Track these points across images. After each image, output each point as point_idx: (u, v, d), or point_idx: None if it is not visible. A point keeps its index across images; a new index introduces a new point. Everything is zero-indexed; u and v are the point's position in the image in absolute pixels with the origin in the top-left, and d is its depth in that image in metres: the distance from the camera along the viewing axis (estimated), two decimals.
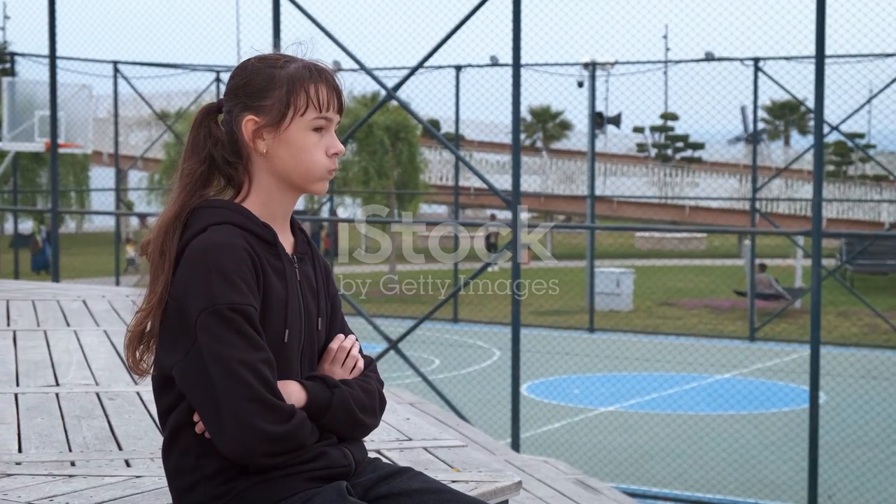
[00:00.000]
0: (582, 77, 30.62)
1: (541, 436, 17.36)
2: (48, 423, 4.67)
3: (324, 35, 13.72)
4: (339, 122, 3.25)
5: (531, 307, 32.19)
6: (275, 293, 3.11)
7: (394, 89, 14.18)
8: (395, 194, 36.36)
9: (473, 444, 8.10)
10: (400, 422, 4.77)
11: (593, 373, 23.17)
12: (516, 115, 12.86)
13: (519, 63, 12.78)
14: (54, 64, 15.81)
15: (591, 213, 28.99)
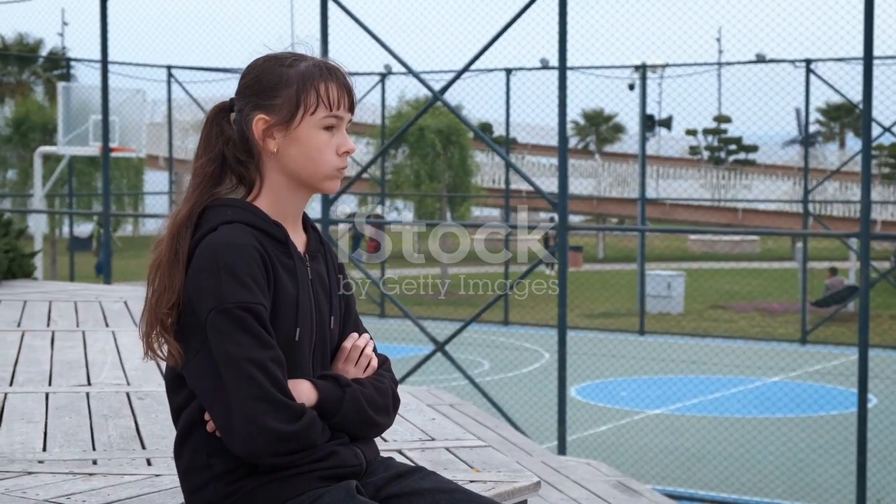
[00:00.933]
0: (633, 80, 30.53)
1: (588, 438, 17.34)
2: (75, 422, 4.73)
3: (372, 38, 13.81)
4: (350, 120, 3.26)
5: (581, 309, 32.13)
6: (285, 291, 3.13)
7: (440, 92, 14.22)
8: (446, 197, 36.37)
9: (509, 446, 8.12)
10: (425, 422, 4.80)
11: (642, 375, 23.11)
12: (562, 118, 12.83)
13: (565, 66, 12.73)
14: (106, 69, 15.95)
15: (642, 215, 28.88)
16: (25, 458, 4.12)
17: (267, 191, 3.22)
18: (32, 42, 60.13)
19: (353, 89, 3.27)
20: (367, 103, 35.33)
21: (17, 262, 10.33)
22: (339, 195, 15.73)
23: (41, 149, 26.98)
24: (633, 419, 18.93)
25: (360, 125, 39.95)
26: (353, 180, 14.86)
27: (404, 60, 14.00)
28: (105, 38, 15.65)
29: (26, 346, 6.61)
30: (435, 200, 36.45)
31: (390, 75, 31.28)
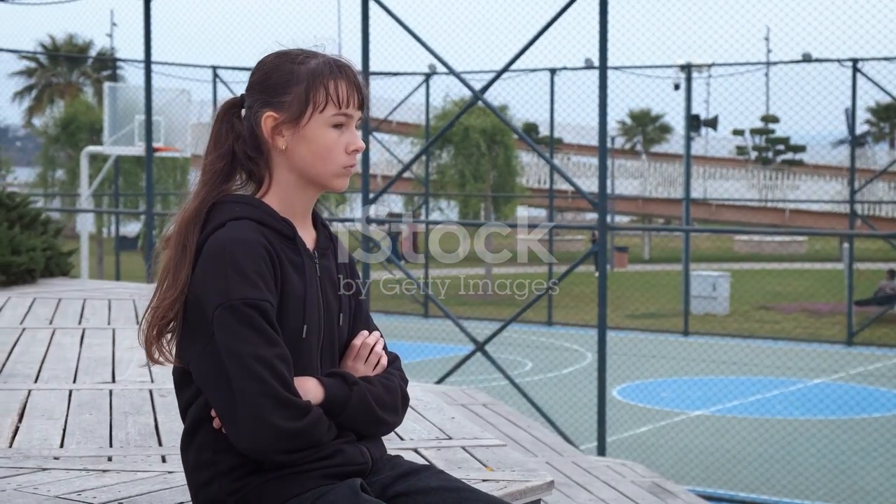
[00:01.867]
0: (678, 79, 30.39)
1: (629, 439, 17.27)
2: (95, 418, 4.75)
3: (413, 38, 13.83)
4: (360, 118, 3.26)
5: (626, 310, 32.05)
6: (293, 288, 3.11)
7: (481, 91, 14.21)
8: (491, 197, 36.34)
9: (540, 446, 8.12)
10: (444, 421, 4.78)
11: (685, 376, 23.00)
12: (603, 118, 12.81)
13: (606, 65, 12.72)
14: (149, 69, 16.06)
15: (687, 215, 28.75)
16: (41, 455, 4.14)
17: (276, 188, 3.20)
18: (82, 43, 60.58)
19: (363, 87, 3.26)
20: (411, 103, 35.34)
21: (55, 260, 10.38)
22: (379, 195, 15.75)
23: (88, 149, 27.14)
24: (675, 420, 18.84)
25: (405, 125, 40.01)
26: (393, 179, 14.84)
27: (446, 61, 14.00)
28: (148, 39, 15.76)
29: (55, 344, 6.64)
30: (479, 201, 36.41)
31: (434, 75, 31.28)
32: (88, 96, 50.17)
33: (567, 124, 43.75)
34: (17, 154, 68.05)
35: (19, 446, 4.27)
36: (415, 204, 37.98)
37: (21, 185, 42.93)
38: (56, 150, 38.45)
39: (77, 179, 30.51)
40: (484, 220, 35.41)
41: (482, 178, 36.25)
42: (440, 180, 36.51)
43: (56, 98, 53.94)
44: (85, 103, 40.70)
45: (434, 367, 20.39)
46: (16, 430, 4.52)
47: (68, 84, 57.80)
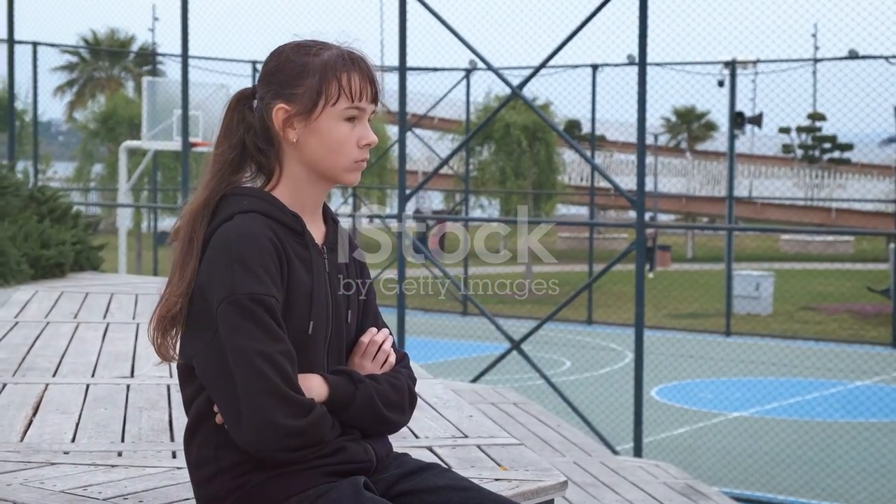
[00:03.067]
0: (722, 76, 30.17)
1: (667, 440, 17.14)
2: (109, 413, 4.69)
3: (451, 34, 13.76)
4: (374, 111, 3.17)
5: (668, 310, 31.87)
6: (300, 284, 3.04)
7: (519, 87, 14.13)
8: (532, 194, 36.22)
9: (569, 445, 8.01)
10: (461, 419, 4.68)
11: (726, 377, 22.83)
12: (641, 115, 12.72)
13: (645, 61, 12.62)
14: (186, 63, 16.04)
15: (730, 214, 28.55)
16: (51, 449, 4.08)
17: (286, 181, 3.13)
18: (124, 38, 60.85)
19: (376, 80, 3.16)
20: (452, 99, 35.23)
21: (85, 254, 10.36)
22: (416, 191, 15.67)
23: (126, 143, 27.21)
24: (714, 421, 18.68)
25: (447, 121, 39.94)
26: (431, 175, 14.78)
27: (486, 56, 13.92)
28: (185, 33, 15.77)
29: (77, 338, 6.59)
30: (520, 198, 36.29)
31: (476, 71, 31.17)
32: (129, 91, 50.42)
33: (610, 121, 43.59)
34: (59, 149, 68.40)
35: (30, 440, 4.23)
36: (455, 201, 37.91)
37: (60, 179, 43.12)
38: (95, 145, 38.60)
39: (116, 174, 30.59)
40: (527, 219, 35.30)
41: (523, 176, 36.12)
42: (481, 177, 36.40)
43: (97, 93, 54.23)
44: (124, 98, 40.88)
45: (471, 366, 20.31)
46: (29, 424, 4.47)
47: (110, 79, 58.07)
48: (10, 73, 18.44)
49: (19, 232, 9.77)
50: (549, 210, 37.01)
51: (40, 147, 47.39)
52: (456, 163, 35.40)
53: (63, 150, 65.98)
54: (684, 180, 47.35)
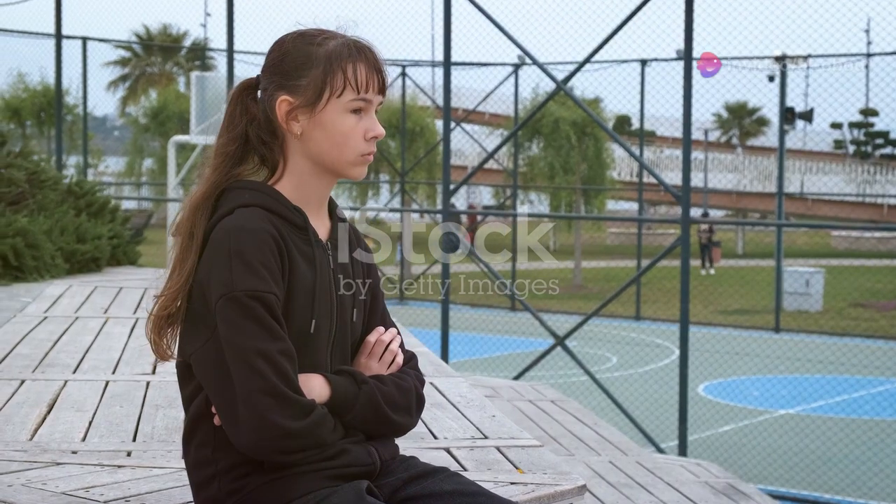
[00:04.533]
0: (773, 71, 29.88)
1: (712, 437, 16.96)
2: (125, 411, 4.61)
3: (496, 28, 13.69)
4: (381, 103, 3.05)
5: (717, 306, 31.61)
6: (302, 280, 2.93)
7: (563, 81, 14.04)
8: (581, 190, 36.05)
9: (605, 444, 7.89)
10: (483, 419, 4.57)
11: (774, 374, 22.60)
12: (687, 110, 12.65)
13: (691, 56, 12.53)
14: (231, 58, 16.07)
15: (780, 210, 28.26)
16: (59, 449, 4.00)
17: (289, 174, 3.03)
18: (176, 33, 61.12)
19: (384, 70, 3.05)
20: (502, 95, 35.11)
21: (122, 248, 10.32)
22: (460, 186, 15.58)
23: (175, 138, 27.26)
24: (760, 419, 18.48)
25: (497, 116, 39.81)
26: (475, 170, 14.67)
27: (533, 51, 13.84)
28: (231, 28, 15.79)
29: (104, 333, 6.53)
30: (569, 193, 36.12)
31: (525, 66, 31.03)
32: (181, 86, 50.56)
33: (661, 117, 43.29)
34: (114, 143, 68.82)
35: (40, 439, 4.15)
36: (503, 196, 37.79)
37: (112, 174, 43.34)
38: (146, 140, 38.75)
39: (166, 169, 30.68)
40: (581, 214, 35.14)
41: (572, 171, 35.94)
42: (529, 173, 36.25)
43: (150, 88, 54.46)
44: (175, 93, 40.98)
45: (518, 362, 20.18)
46: (41, 423, 4.39)
47: (162, 74, 58.32)
48: (58, 67, 18.46)
49: (55, 226, 9.74)
50: (598, 206, 36.83)
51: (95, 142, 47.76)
52: (505, 158, 35.28)
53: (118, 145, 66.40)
54: (735, 176, 46.98)
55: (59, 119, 19.42)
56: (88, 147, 38.73)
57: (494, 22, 13.72)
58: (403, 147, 35.17)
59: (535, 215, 35.06)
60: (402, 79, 31.72)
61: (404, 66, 31.33)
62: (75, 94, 33.23)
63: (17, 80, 40.61)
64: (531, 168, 36.25)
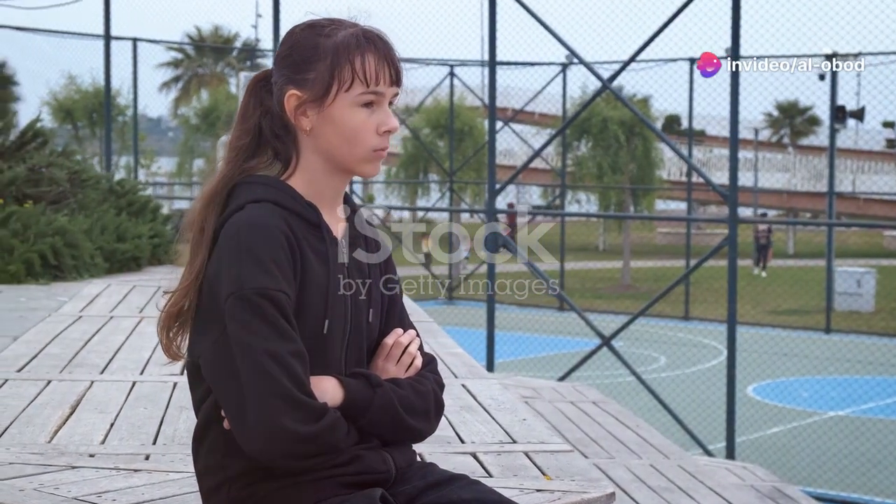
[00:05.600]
0: (823, 70, 29.57)
1: (761, 439, 16.77)
2: (148, 413, 4.53)
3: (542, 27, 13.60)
4: (396, 95, 2.92)
5: (768, 306, 31.33)
6: (315, 279, 2.81)
7: (609, 80, 13.93)
8: (629, 190, 35.84)
9: (646, 447, 7.77)
10: (513, 423, 4.46)
11: (825, 375, 22.34)
12: (734, 108, 12.63)
13: (738, 54, 12.46)
14: None
15: (830, 209, 27.97)
16: (77, 452, 3.92)
17: (302, 170, 2.91)
18: (227, 35, 61.31)
19: (396, 60, 2.90)
20: (550, 94, 34.93)
21: (163, 248, 10.28)
22: (506, 185, 15.50)
23: (223, 138, 27.24)
24: (810, 421, 18.26)
25: (546, 116, 39.66)
26: (520, 169, 14.58)
27: (582, 51, 13.76)
28: (277, 28, 15.80)
29: (137, 333, 6.47)
30: (618, 193, 35.92)
31: (573, 65, 30.86)
32: (232, 87, 50.67)
33: (711, 116, 42.97)
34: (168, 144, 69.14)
35: (58, 442, 4.08)
36: (551, 196, 37.64)
37: (164, 174, 43.52)
38: (196, 140, 38.87)
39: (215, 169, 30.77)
40: (626, 214, 34.96)
41: (620, 171, 35.74)
42: (578, 172, 36.07)
43: (201, 89, 54.63)
44: (225, 93, 41.10)
45: (565, 362, 20.03)
46: (62, 424, 4.32)
47: (213, 75, 58.50)
48: (107, 68, 18.53)
49: (95, 225, 9.72)
50: (647, 205, 36.61)
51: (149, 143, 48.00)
52: (554, 158, 35.14)
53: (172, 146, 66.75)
54: (786, 175, 46.60)
55: (107, 119, 19.48)
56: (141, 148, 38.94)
57: (540, 21, 13.62)
58: (452, 147, 35.09)
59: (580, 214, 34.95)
60: (451, 78, 31.64)
61: (452, 65, 31.23)
62: (126, 96, 33.34)
63: (69, 82, 40.85)
64: (580, 168, 36.07)
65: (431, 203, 37.95)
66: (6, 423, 4.32)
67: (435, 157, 36.56)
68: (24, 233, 9.17)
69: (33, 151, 10.52)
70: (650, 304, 14.07)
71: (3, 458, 3.81)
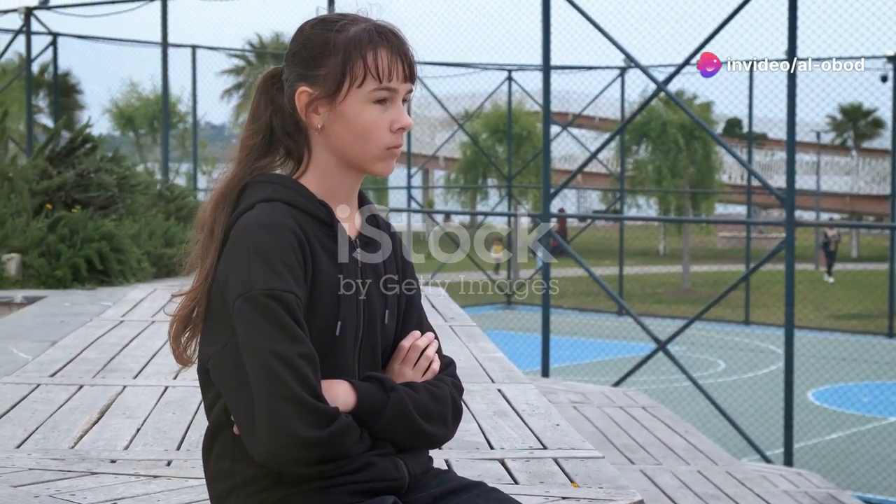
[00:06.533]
0: (886, 71, 29.26)
1: (820, 445, 16.54)
2: (176, 418, 4.48)
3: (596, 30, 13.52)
4: (410, 91, 2.83)
5: (829, 310, 30.98)
6: (326, 279, 2.72)
7: (664, 83, 13.83)
8: (689, 193, 35.58)
9: (694, 453, 7.65)
10: (545, 428, 4.36)
11: (887, 380, 22.04)
12: (791, 111, 12.52)
13: (794, 55, 12.33)
14: None
15: (893, 212, 27.66)
16: (99, 458, 3.87)
17: (314, 168, 2.82)
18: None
19: (410, 55, 2.80)
20: (610, 98, 34.75)
21: None
22: (560, 189, 15.40)
23: None
24: (870, 426, 18.00)
25: (606, 121, 39.48)
26: (574, 173, 14.48)
27: (641, 54, 13.69)
28: None
29: None
30: (677, 197, 35.67)
31: (631, 69, 30.68)
32: None
33: (772, 119, 42.61)
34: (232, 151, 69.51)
35: (81, 447, 4.03)
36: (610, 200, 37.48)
37: None
38: None
39: None
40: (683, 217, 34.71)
41: (679, 175, 35.48)
42: (637, 176, 35.86)
43: None
44: None
45: (623, 367, 19.86)
46: (87, 430, 4.27)
47: None
48: (164, 75, 18.61)
49: (143, 230, 9.71)
50: (706, 209, 36.32)
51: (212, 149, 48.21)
52: (613, 162, 34.97)
53: None
54: (850, 179, 46.13)
55: (165, 126, 19.58)
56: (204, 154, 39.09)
57: (595, 24, 13.56)
58: (510, 151, 35.00)
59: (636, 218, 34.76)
60: (509, 83, 31.53)
61: (510, 70, 31.12)
62: (187, 103, 33.50)
63: (130, 89, 41.14)
64: (639, 172, 35.86)
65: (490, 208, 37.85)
66: (32, 428, 4.29)
67: (493, 162, 36.48)
68: (72, 238, 9.17)
69: (82, 157, 10.54)
70: (706, 308, 13.96)
71: (23, 463, 3.77)
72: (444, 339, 6.34)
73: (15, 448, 4.01)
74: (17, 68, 30.70)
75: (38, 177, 10.24)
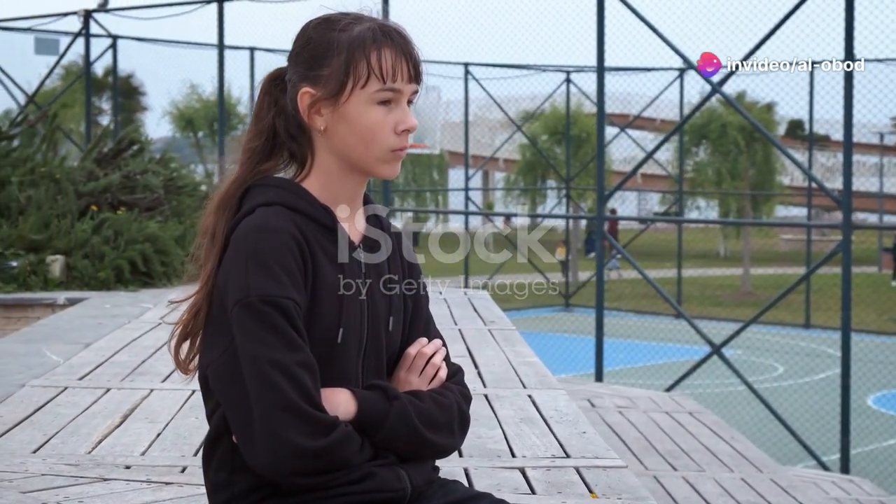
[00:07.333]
0: None
1: (877, 451, 16.31)
2: (198, 423, 4.43)
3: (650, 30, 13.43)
4: (415, 92, 2.76)
5: (891, 314, 30.60)
6: (327, 285, 2.65)
7: (719, 84, 13.70)
8: (749, 195, 35.28)
9: (739, 459, 7.52)
10: (571, 436, 4.27)
11: None
12: (848, 111, 12.41)
13: (851, 55, 12.22)
14: None
15: None
16: (114, 463, 3.82)
17: (317, 171, 2.75)
18: None
19: (415, 55, 2.72)
20: (668, 99, 34.49)
21: None
22: (615, 191, 15.30)
23: None
24: None
25: (667, 122, 39.26)
26: (630, 174, 14.36)
27: (694, 54, 13.60)
28: None
29: None
30: (737, 199, 35.37)
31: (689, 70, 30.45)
32: None
33: (835, 121, 42.17)
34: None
35: (99, 452, 3.99)
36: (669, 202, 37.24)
37: None
38: None
39: None
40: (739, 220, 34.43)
41: (739, 177, 35.19)
42: (697, 179, 35.60)
43: None
44: None
45: (678, 370, 19.68)
46: (107, 434, 4.23)
47: None
48: (220, 77, 18.65)
49: (188, 231, 9.70)
50: (767, 211, 36.00)
51: None
52: (671, 163, 34.75)
53: None
54: None
55: (221, 128, 19.64)
56: None
57: (649, 25, 13.49)
58: (569, 153, 34.86)
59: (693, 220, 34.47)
60: (567, 85, 31.41)
61: (569, 71, 30.99)
62: (246, 105, 33.63)
63: (191, 91, 41.31)
64: (698, 174, 35.60)
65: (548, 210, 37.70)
66: (52, 433, 4.25)
67: (552, 164, 36.35)
68: (116, 239, 9.17)
69: (129, 159, 10.55)
70: (762, 311, 13.85)
71: (36, 469, 3.73)
72: (481, 342, 6.29)
73: (31, 453, 3.97)
74: (80, 70, 30.93)
75: (86, 178, 10.25)
